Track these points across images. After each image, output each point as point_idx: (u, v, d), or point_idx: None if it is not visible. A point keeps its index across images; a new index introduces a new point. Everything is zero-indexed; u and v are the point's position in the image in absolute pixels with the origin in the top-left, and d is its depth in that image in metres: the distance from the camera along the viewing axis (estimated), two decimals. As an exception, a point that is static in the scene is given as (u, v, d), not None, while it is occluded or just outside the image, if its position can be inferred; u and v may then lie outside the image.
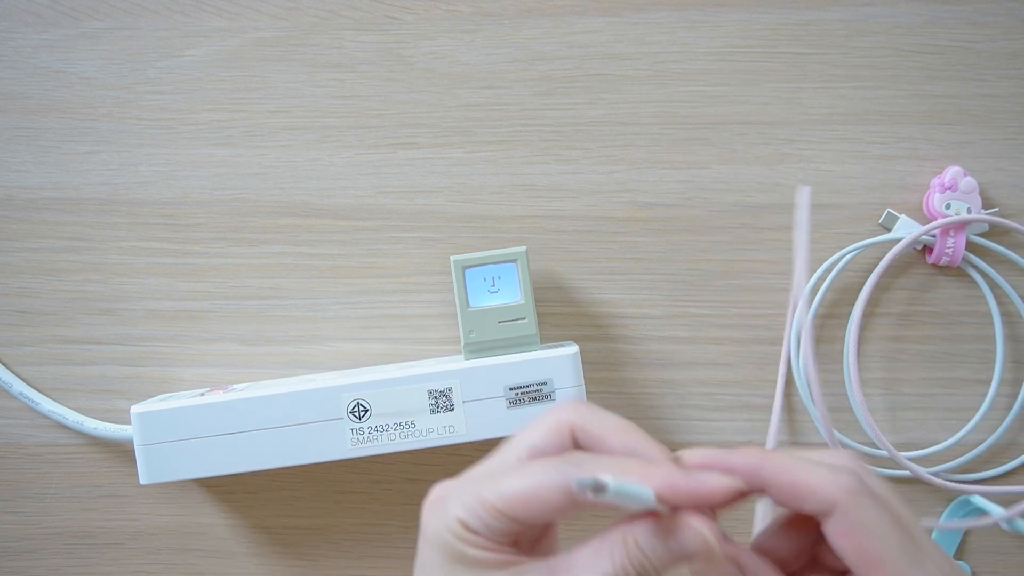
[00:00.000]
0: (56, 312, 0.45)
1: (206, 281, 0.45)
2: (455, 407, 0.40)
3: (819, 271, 0.45)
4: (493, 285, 0.41)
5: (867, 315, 0.45)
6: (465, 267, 0.41)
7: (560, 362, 0.40)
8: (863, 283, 0.44)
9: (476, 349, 0.41)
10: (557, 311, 0.45)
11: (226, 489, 0.45)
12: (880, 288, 0.45)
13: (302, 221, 0.45)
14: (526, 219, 0.45)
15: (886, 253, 0.44)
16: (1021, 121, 0.45)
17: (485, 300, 0.41)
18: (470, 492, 0.30)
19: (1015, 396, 0.44)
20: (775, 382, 0.44)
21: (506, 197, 0.45)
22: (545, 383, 0.40)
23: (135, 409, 0.40)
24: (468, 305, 0.41)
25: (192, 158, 0.46)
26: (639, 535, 0.29)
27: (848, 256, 0.44)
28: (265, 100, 0.46)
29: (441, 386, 0.40)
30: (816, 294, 0.45)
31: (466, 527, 0.29)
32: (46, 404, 0.44)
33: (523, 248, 0.42)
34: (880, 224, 0.45)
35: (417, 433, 0.40)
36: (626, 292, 0.45)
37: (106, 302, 0.45)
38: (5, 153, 0.46)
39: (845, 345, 0.44)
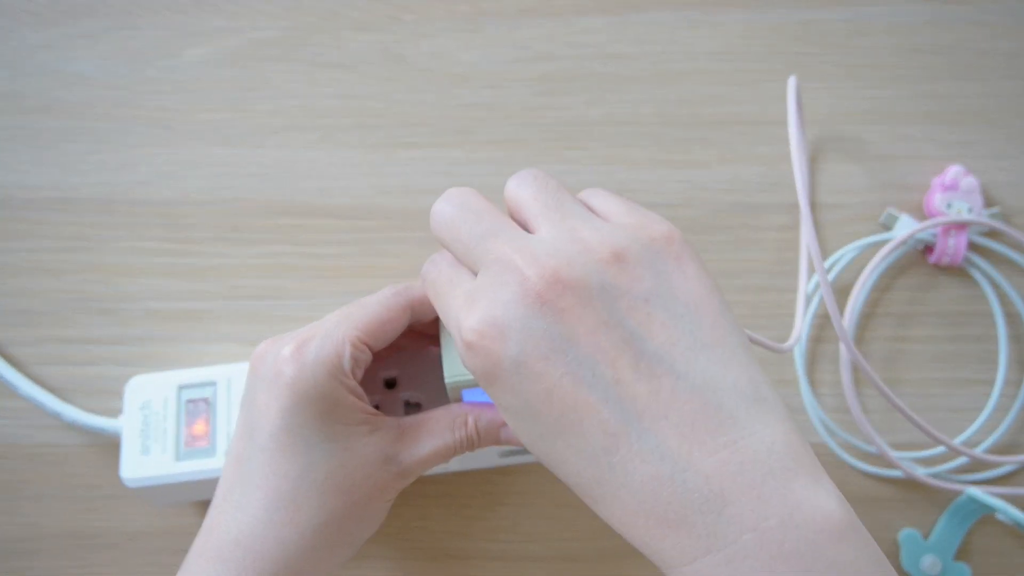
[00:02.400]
0: (55, 312, 0.45)
1: (206, 281, 0.45)
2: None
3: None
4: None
5: (868, 315, 0.45)
6: (463, 388, 0.35)
7: None
8: (863, 283, 0.44)
9: None
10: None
11: (225, 489, 0.45)
12: (881, 288, 0.45)
13: (302, 221, 0.45)
14: (526, 219, 0.45)
15: (885, 253, 0.44)
16: (1022, 120, 0.45)
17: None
18: (332, 335, 0.33)
19: (1018, 397, 0.44)
20: (774, 381, 0.44)
21: (506, 197, 0.45)
22: None
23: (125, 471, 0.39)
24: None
25: (192, 158, 0.46)
26: (482, 421, 0.34)
27: (848, 256, 0.44)
28: (265, 100, 0.46)
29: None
30: (815, 294, 0.45)
31: (342, 371, 0.32)
32: (25, 387, 0.43)
33: None
34: (881, 224, 0.45)
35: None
36: (626, 292, 0.45)
37: (105, 302, 0.45)
38: (4, 153, 0.46)
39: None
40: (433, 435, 0.34)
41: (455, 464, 0.39)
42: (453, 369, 0.33)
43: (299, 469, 0.32)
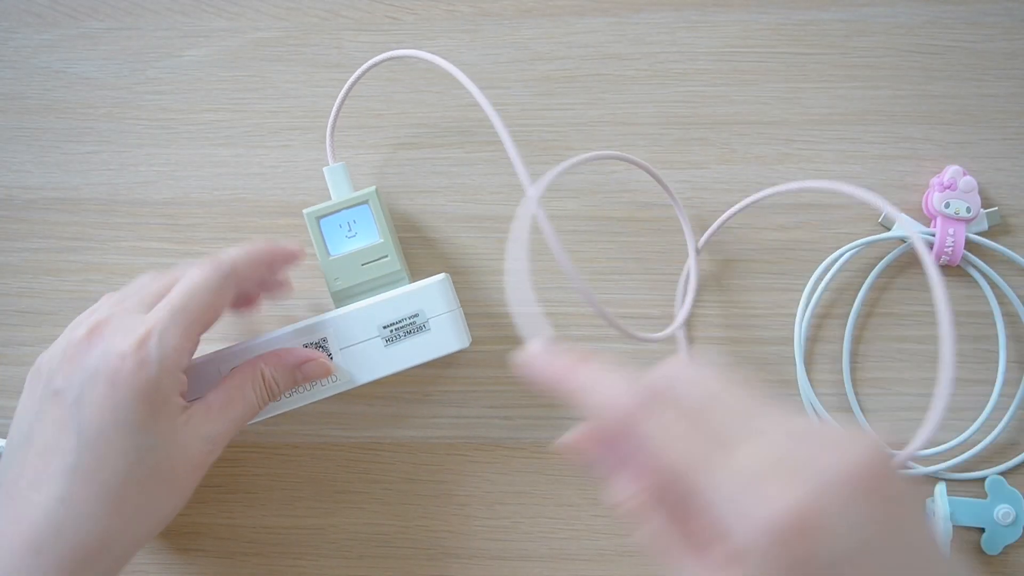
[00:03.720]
0: (56, 312, 0.46)
1: (206, 281, 0.45)
2: (333, 356, 0.40)
3: (818, 271, 0.45)
4: (350, 230, 0.42)
5: (866, 315, 0.45)
6: (319, 217, 0.42)
7: (428, 291, 0.40)
8: (862, 283, 0.44)
9: (345, 296, 0.41)
10: (557, 311, 0.45)
11: (226, 489, 0.45)
12: (879, 288, 0.45)
13: (302, 221, 0.45)
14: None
15: (884, 252, 0.44)
16: (1020, 121, 0.45)
17: (344, 246, 0.42)
18: (172, 333, 0.34)
19: (1016, 397, 0.44)
20: (774, 382, 0.44)
21: (506, 197, 0.45)
22: (417, 314, 0.40)
23: None
24: (328, 254, 0.42)
25: (192, 158, 0.46)
26: (277, 369, 0.38)
27: (846, 255, 0.44)
28: (265, 100, 0.46)
29: (315, 338, 0.40)
30: (815, 294, 0.45)
31: (180, 370, 0.35)
32: None
33: (372, 188, 0.42)
34: (880, 224, 0.45)
35: (300, 388, 0.40)
36: (626, 292, 0.45)
37: (106, 302, 0.45)
38: (5, 153, 0.46)
39: (845, 344, 0.44)
40: (235, 402, 0.36)
41: (285, 404, 0.40)
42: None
43: (127, 465, 0.33)
